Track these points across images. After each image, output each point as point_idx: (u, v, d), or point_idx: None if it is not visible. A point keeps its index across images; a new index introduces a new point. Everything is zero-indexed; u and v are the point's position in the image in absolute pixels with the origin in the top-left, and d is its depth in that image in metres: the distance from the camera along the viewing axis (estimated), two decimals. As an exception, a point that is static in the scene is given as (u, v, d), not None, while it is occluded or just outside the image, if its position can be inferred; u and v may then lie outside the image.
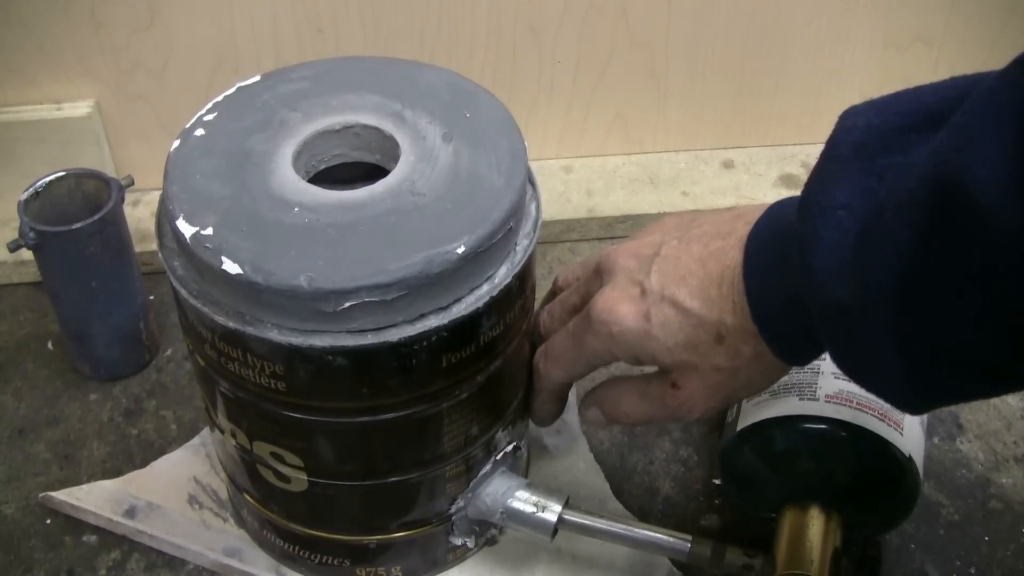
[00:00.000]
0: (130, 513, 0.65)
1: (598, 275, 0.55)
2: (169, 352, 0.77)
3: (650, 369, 0.54)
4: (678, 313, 0.50)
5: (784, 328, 0.47)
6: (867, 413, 0.58)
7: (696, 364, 0.51)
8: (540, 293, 0.62)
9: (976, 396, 0.45)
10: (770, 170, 0.90)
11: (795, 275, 0.44)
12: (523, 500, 0.59)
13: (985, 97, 0.37)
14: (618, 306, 0.52)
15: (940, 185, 0.37)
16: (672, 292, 0.50)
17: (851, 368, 0.45)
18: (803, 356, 0.49)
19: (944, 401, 0.47)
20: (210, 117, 0.55)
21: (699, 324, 0.49)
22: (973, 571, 0.64)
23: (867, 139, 0.42)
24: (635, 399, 0.55)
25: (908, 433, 0.59)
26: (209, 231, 0.49)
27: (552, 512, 0.59)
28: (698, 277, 0.50)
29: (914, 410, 0.50)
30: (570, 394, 0.70)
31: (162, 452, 0.70)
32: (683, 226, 0.53)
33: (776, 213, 0.48)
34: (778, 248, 0.46)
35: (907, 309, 0.40)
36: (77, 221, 0.67)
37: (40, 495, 0.67)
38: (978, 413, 0.73)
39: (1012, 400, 0.74)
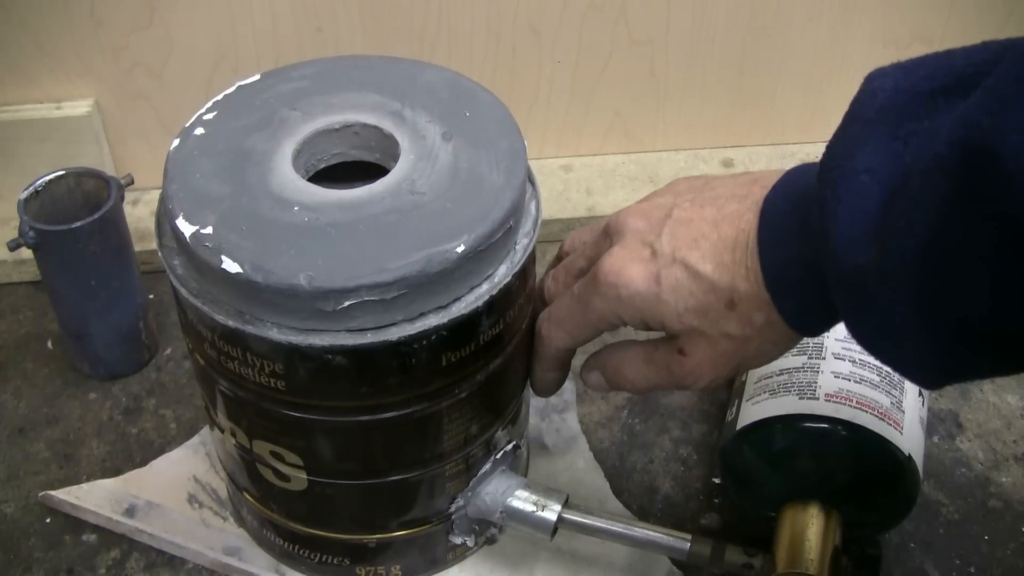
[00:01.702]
0: (130, 512, 0.65)
1: (607, 236, 0.53)
2: (169, 351, 0.77)
3: (656, 335, 0.52)
4: (689, 276, 0.48)
5: (798, 296, 0.46)
6: (867, 412, 0.58)
7: (706, 330, 0.49)
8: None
9: (997, 372, 0.43)
10: (770, 169, 0.89)
11: (813, 240, 0.43)
12: (523, 499, 0.59)
13: (1020, 62, 0.36)
14: (627, 267, 0.50)
15: (970, 151, 0.36)
16: (684, 255, 0.48)
17: (868, 338, 0.43)
18: (816, 326, 0.48)
19: (963, 376, 0.45)
20: (210, 116, 0.55)
21: (711, 289, 0.48)
22: (973, 570, 0.64)
23: (894, 102, 0.41)
24: (640, 364, 0.53)
25: (908, 432, 0.59)
26: (209, 230, 0.49)
27: (552, 511, 0.59)
28: (711, 240, 0.48)
29: (931, 384, 0.48)
30: (570, 394, 0.70)
31: (162, 451, 0.70)
32: (696, 188, 0.52)
33: (794, 178, 0.47)
34: (796, 213, 0.45)
35: (931, 278, 0.38)
36: (77, 220, 0.67)
37: (40, 494, 0.67)
38: (978, 412, 0.73)
39: (1012, 399, 0.74)
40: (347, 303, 0.47)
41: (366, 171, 0.55)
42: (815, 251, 0.43)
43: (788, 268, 0.46)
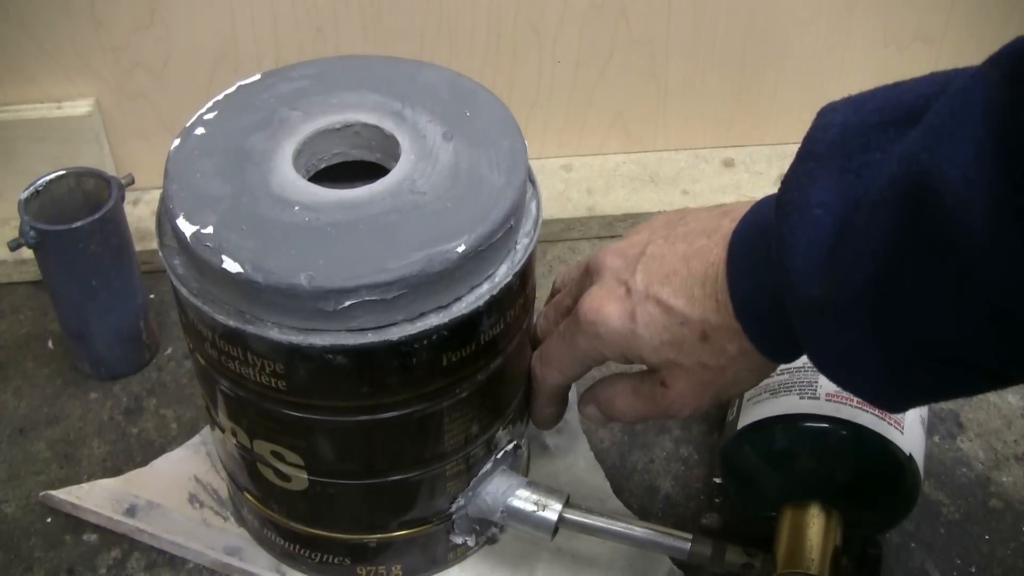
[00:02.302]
0: (130, 512, 0.65)
1: (588, 275, 0.55)
2: (169, 351, 0.77)
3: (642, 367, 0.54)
4: (662, 312, 0.50)
5: (767, 326, 0.47)
6: (868, 412, 0.58)
7: (682, 362, 0.51)
8: (540, 292, 0.62)
9: (955, 394, 0.45)
10: (770, 169, 0.90)
11: (774, 273, 0.44)
12: (523, 499, 0.59)
13: (957, 96, 0.37)
14: (604, 306, 0.52)
15: (911, 185, 0.37)
16: (656, 291, 0.50)
17: (827, 366, 0.45)
18: (787, 354, 0.49)
19: (922, 399, 0.46)
20: (210, 116, 0.55)
21: (684, 322, 0.49)
22: (973, 570, 0.64)
23: (844, 136, 0.42)
24: (628, 397, 0.55)
25: (908, 432, 0.59)
26: (209, 230, 0.49)
27: (552, 511, 0.59)
28: (682, 276, 0.50)
29: (892, 408, 0.50)
30: (570, 393, 0.70)
31: (162, 451, 0.70)
32: (671, 223, 0.53)
33: (760, 210, 0.48)
34: (761, 246, 0.46)
35: (881, 308, 0.40)
36: (77, 220, 0.67)
37: (40, 494, 0.67)
38: (978, 411, 0.73)
39: (1012, 399, 0.74)
40: (348, 303, 0.47)
41: (367, 171, 0.55)
42: (776, 283, 0.44)
43: (755, 299, 0.47)
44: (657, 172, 0.90)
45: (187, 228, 0.49)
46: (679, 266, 0.50)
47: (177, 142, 0.54)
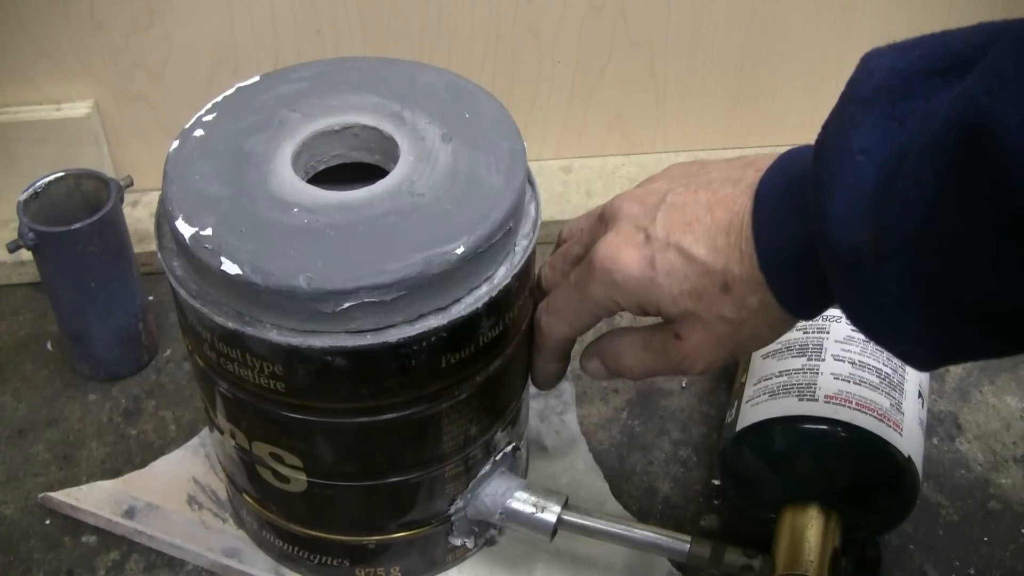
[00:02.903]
0: (129, 513, 0.65)
1: (602, 222, 0.53)
2: (168, 352, 0.77)
3: (653, 320, 0.52)
4: (683, 260, 0.48)
5: (792, 278, 0.46)
6: (866, 414, 0.58)
7: (701, 314, 0.49)
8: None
9: (992, 354, 0.43)
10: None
11: (808, 222, 0.43)
12: (522, 500, 0.59)
13: (1019, 42, 0.36)
14: (621, 252, 0.50)
15: (967, 130, 0.36)
16: (678, 238, 0.48)
17: (863, 319, 0.43)
18: (810, 308, 0.48)
19: (959, 357, 0.45)
20: (209, 118, 0.55)
21: (705, 272, 0.48)
22: (972, 571, 0.64)
23: (890, 82, 0.41)
24: (637, 350, 0.53)
25: (907, 433, 0.59)
26: (208, 232, 0.49)
27: (551, 512, 0.59)
28: (705, 224, 0.48)
29: (925, 366, 0.48)
30: (570, 395, 0.70)
31: (161, 452, 0.70)
32: (691, 174, 0.52)
33: (789, 160, 0.47)
34: (790, 195, 0.45)
35: (927, 258, 0.38)
36: (76, 222, 0.67)
37: (39, 495, 0.67)
38: (977, 414, 0.73)
39: (1011, 400, 0.74)
40: (346, 304, 0.47)
41: (366, 173, 0.55)
42: (810, 232, 0.43)
43: (782, 250, 0.46)
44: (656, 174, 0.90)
45: (186, 230, 0.49)
46: (702, 214, 0.48)
47: (176, 144, 0.54)
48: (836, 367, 0.61)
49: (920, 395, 0.63)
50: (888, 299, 0.41)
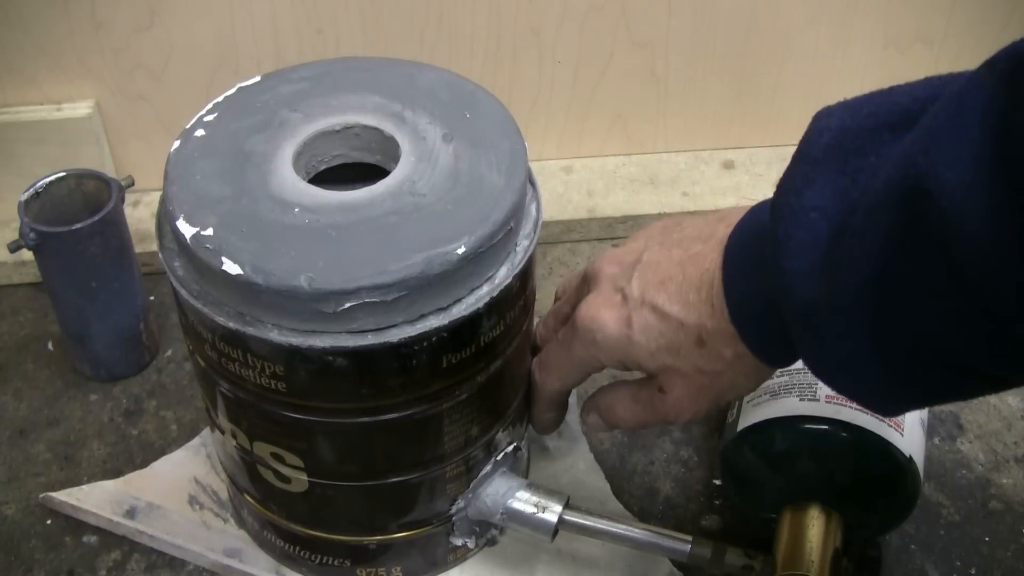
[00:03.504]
0: (130, 514, 0.65)
1: (585, 283, 0.55)
2: (169, 353, 0.77)
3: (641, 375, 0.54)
4: (658, 318, 0.50)
5: (762, 330, 0.47)
6: (868, 414, 0.58)
7: (679, 368, 0.51)
8: (540, 294, 0.62)
9: (952, 398, 0.45)
10: (770, 170, 0.90)
11: (769, 277, 0.44)
12: (523, 500, 0.59)
13: (953, 99, 0.37)
14: (600, 313, 0.52)
15: (907, 188, 0.37)
16: (652, 297, 0.50)
17: (823, 370, 0.44)
18: (782, 358, 0.49)
19: (918, 403, 0.47)
20: (210, 118, 0.55)
21: (679, 328, 0.50)
22: (973, 571, 0.64)
23: (840, 140, 0.42)
24: (628, 403, 0.56)
25: (908, 434, 0.59)
26: (209, 232, 0.49)
27: (552, 512, 0.59)
28: (677, 281, 0.50)
29: (887, 412, 0.50)
30: (571, 397, 0.70)
31: (162, 452, 0.70)
32: (667, 229, 0.54)
33: (755, 215, 0.48)
34: (754, 250, 0.46)
35: (877, 311, 0.40)
36: (77, 222, 0.67)
37: (40, 495, 0.67)
38: (978, 413, 0.73)
39: (1012, 400, 0.74)
40: (348, 304, 0.47)
41: (367, 173, 0.55)
42: (772, 286, 0.44)
43: (751, 303, 0.47)
44: (657, 174, 0.90)
45: (187, 230, 0.49)
46: (674, 272, 0.50)
47: (177, 144, 0.54)
48: (837, 367, 0.61)
49: (921, 395, 0.63)
50: (846, 350, 0.42)
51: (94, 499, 0.66)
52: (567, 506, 0.59)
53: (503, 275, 0.52)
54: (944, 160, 0.36)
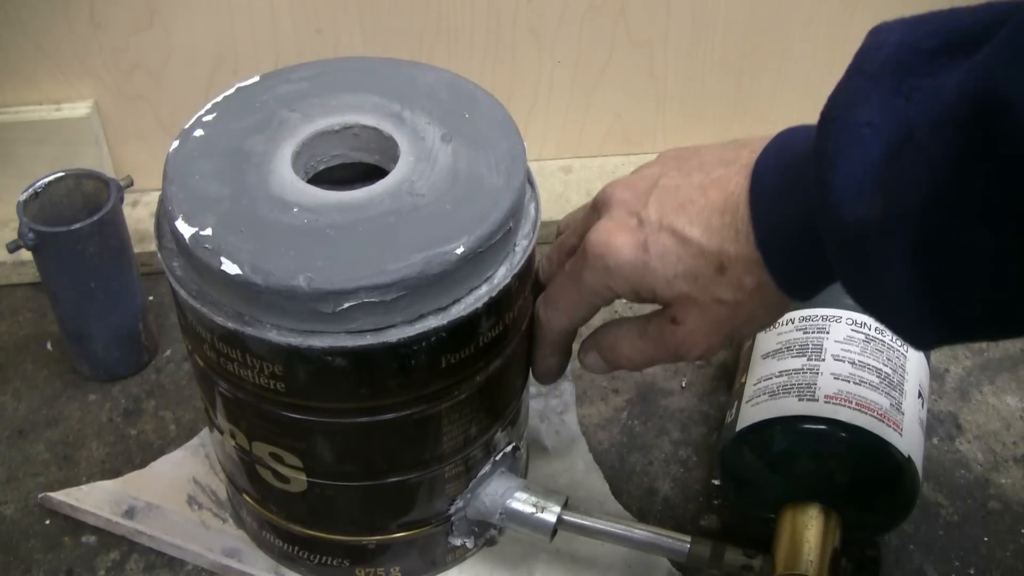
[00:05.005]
0: (129, 514, 0.65)
1: (595, 210, 0.53)
2: (168, 353, 0.77)
3: (650, 309, 0.52)
4: (677, 242, 0.48)
5: (790, 256, 0.46)
6: (866, 414, 0.58)
7: (696, 296, 0.49)
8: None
9: (991, 335, 0.43)
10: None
11: (807, 197, 0.42)
12: (522, 501, 0.59)
13: None
14: (614, 237, 0.49)
15: (982, 102, 0.36)
16: (671, 220, 0.48)
17: (863, 294, 0.43)
18: (806, 288, 0.47)
19: (957, 337, 0.44)
20: (209, 118, 0.55)
21: (699, 253, 0.47)
22: (972, 571, 0.64)
23: (898, 57, 0.40)
24: (634, 339, 0.53)
25: (907, 433, 0.59)
26: (208, 232, 0.49)
27: (551, 513, 0.59)
28: (699, 205, 0.48)
29: (924, 345, 0.47)
30: (570, 395, 0.70)
31: (161, 453, 0.70)
32: (683, 157, 0.52)
33: (786, 138, 0.47)
34: (788, 172, 0.45)
35: (933, 232, 0.38)
36: (76, 222, 0.67)
37: (39, 495, 0.67)
38: (977, 414, 0.73)
39: (1011, 400, 0.74)
40: (346, 305, 0.47)
41: (366, 173, 0.55)
42: (809, 207, 0.42)
43: (780, 227, 0.45)
44: (656, 174, 0.90)
45: (186, 230, 0.49)
46: (696, 196, 0.48)
47: (176, 144, 0.54)
48: (836, 367, 0.61)
49: (920, 395, 0.63)
50: (891, 274, 0.40)
51: (93, 499, 0.66)
52: (566, 506, 0.59)
53: (502, 275, 0.52)
54: None
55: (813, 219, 0.43)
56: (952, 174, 0.37)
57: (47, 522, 0.66)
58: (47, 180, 0.69)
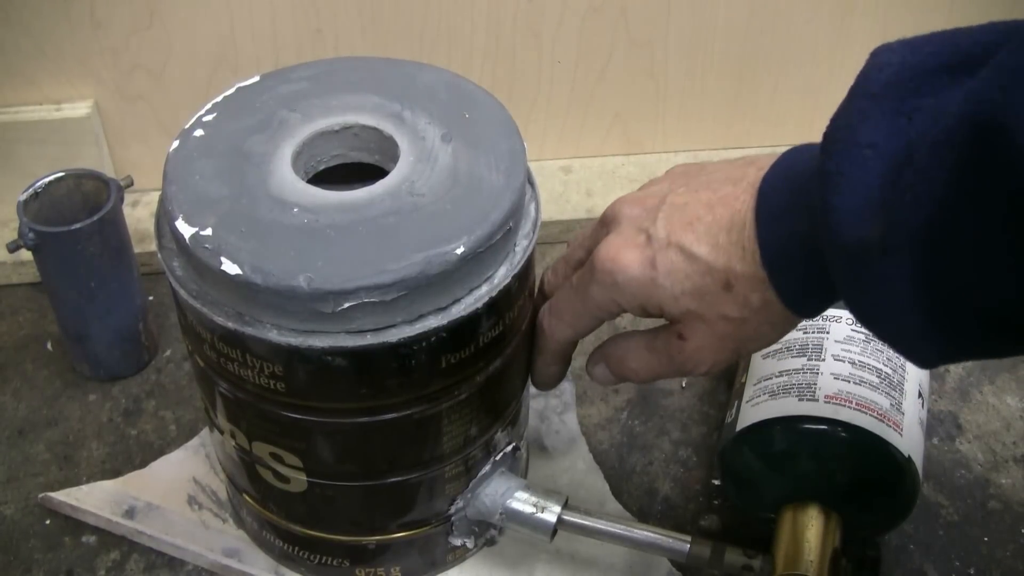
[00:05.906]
0: (129, 514, 0.65)
1: (603, 226, 0.53)
2: (168, 353, 0.77)
3: (657, 323, 0.52)
4: (685, 259, 0.48)
5: (795, 275, 0.46)
6: (866, 414, 0.58)
7: (703, 313, 0.49)
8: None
9: (994, 353, 0.43)
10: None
11: (812, 216, 0.43)
12: (522, 501, 0.59)
13: None
14: (622, 253, 0.50)
15: (980, 126, 0.36)
16: (679, 238, 0.48)
17: (866, 314, 0.43)
18: (812, 306, 0.48)
19: (960, 355, 0.44)
20: (209, 118, 0.55)
21: (707, 271, 0.48)
22: (972, 571, 0.64)
23: (899, 77, 0.41)
24: (642, 353, 0.53)
25: (907, 433, 0.59)
26: (208, 232, 0.49)
27: (551, 513, 0.59)
28: (706, 222, 0.48)
29: (926, 362, 0.47)
30: (570, 396, 0.70)
31: (161, 453, 0.70)
32: (691, 174, 0.52)
33: (792, 157, 0.47)
34: (794, 191, 0.45)
35: (934, 252, 0.38)
36: (76, 222, 0.67)
37: (39, 496, 0.67)
38: (977, 414, 0.73)
39: (1011, 400, 0.74)
40: (346, 305, 0.47)
41: (366, 173, 0.55)
42: (813, 227, 0.43)
43: (785, 246, 0.46)
44: (656, 173, 0.88)
45: (186, 230, 0.49)
46: (703, 213, 0.48)
47: (176, 144, 0.54)
48: (836, 367, 0.61)
49: (920, 395, 0.63)
50: (893, 294, 0.40)
51: (93, 499, 0.66)
52: (566, 506, 0.59)
53: (502, 275, 0.52)
54: (1022, 98, 0.35)
55: (817, 238, 0.43)
56: (952, 194, 0.37)
57: (47, 522, 0.66)
58: (47, 180, 0.69)
